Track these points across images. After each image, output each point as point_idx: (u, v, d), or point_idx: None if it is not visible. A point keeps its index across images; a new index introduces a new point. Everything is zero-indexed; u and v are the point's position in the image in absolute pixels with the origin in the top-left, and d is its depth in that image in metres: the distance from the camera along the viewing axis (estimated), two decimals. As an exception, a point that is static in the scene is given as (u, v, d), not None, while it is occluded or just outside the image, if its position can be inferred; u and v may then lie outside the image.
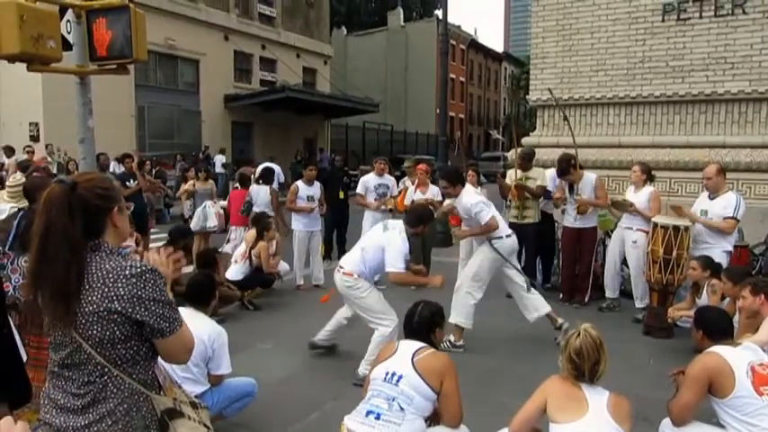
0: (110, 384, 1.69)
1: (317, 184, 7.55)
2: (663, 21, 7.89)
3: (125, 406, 1.70)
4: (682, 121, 7.97)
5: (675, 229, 5.45)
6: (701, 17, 7.67)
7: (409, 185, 7.86)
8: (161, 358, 1.84)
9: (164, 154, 18.02)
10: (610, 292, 6.41)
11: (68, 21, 4.64)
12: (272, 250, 6.91)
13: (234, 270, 6.53)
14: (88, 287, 1.64)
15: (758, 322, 3.57)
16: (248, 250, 6.60)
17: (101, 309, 1.64)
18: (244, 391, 3.55)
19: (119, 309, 1.64)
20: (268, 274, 6.71)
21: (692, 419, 2.84)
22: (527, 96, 9.53)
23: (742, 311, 3.77)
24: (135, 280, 1.66)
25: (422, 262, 6.56)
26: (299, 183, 7.49)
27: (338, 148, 26.31)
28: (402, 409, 2.72)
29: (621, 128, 8.36)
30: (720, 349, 2.82)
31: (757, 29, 7.36)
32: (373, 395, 2.82)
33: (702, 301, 4.79)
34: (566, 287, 6.74)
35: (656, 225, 5.58)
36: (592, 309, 6.33)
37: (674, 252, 5.42)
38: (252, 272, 6.55)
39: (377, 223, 5.14)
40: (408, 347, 2.91)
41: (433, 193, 7.40)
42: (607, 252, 6.58)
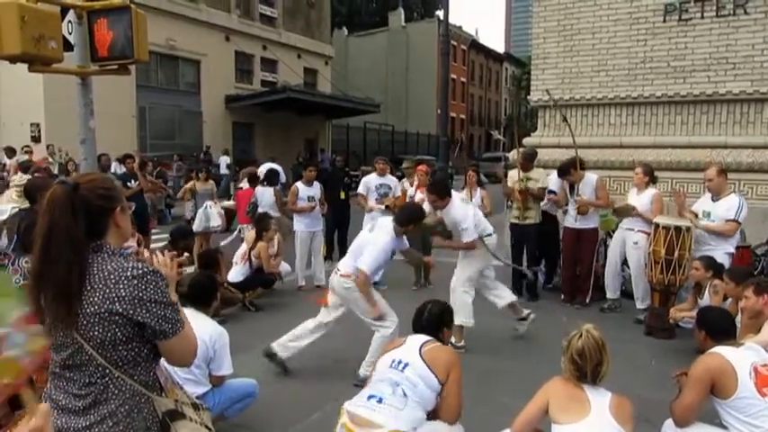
0: (111, 386, 1.69)
1: (316, 184, 7.57)
2: (664, 21, 7.88)
3: (126, 407, 1.70)
4: (683, 122, 7.96)
5: (677, 229, 5.45)
6: (702, 17, 7.65)
7: (408, 187, 7.84)
8: (165, 361, 1.84)
9: (165, 154, 18.00)
10: (611, 292, 6.40)
11: (70, 21, 4.64)
12: (272, 250, 6.91)
13: (234, 272, 6.53)
14: (90, 288, 1.64)
15: (761, 323, 3.57)
16: (248, 251, 6.60)
17: (102, 310, 1.64)
18: (245, 391, 3.55)
19: (120, 310, 1.64)
20: (269, 274, 6.71)
21: (694, 420, 2.83)
22: (528, 97, 9.51)
23: (744, 312, 3.76)
24: (136, 281, 1.66)
25: (422, 249, 6.56)
26: (298, 184, 7.51)
27: (339, 148, 26.35)
28: (405, 395, 2.70)
29: (623, 128, 8.35)
30: (723, 350, 2.81)
31: (759, 29, 7.34)
32: (377, 380, 2.82)
33: (705, 301, 4.79)
34: (567, 288, 6.74)
35: (657, 225, 5.58)
36: (593, 309, 6.33)
37: (676, 252, 5.42)
38: (252, 273, 6.55)
39: None
40: (416, 340, 2.94)
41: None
42: (608, 252, 6.57)
